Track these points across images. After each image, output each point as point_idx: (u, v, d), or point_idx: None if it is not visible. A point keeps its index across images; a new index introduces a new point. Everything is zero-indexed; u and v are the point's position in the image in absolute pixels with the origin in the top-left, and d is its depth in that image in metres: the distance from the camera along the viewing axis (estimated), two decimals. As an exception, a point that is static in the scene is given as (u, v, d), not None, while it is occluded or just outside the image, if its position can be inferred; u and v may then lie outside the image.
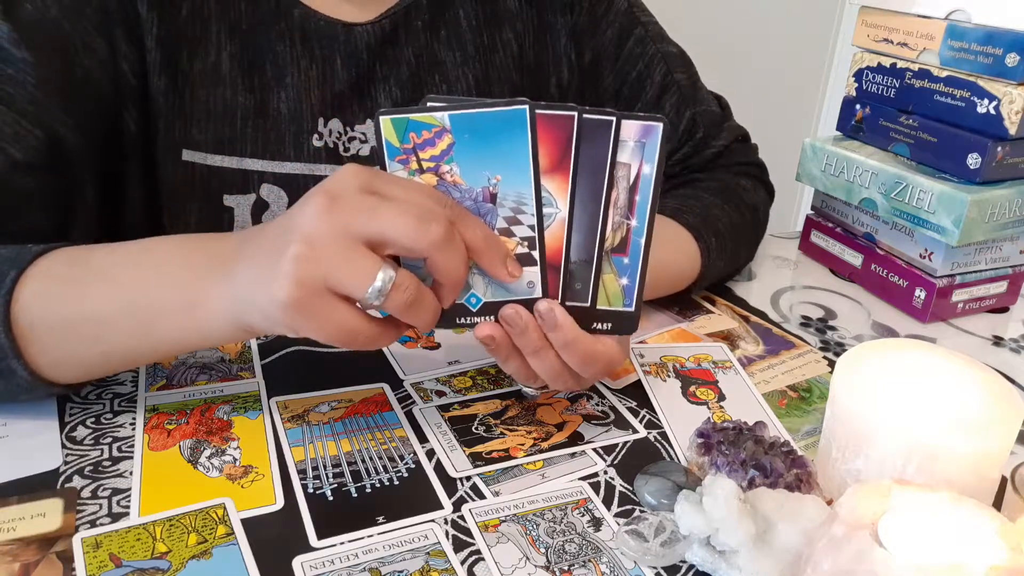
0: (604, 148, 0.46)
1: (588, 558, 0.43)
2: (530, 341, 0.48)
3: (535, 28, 0.74)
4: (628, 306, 0.50)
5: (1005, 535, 0.35)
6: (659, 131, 0.47)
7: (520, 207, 0.47)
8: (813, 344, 0.68)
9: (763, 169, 0.84)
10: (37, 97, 0.56)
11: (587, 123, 0.46)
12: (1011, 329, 0.75)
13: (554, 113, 0.45)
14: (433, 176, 0.46)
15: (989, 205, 0.69)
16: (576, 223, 0.48)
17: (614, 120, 0.46)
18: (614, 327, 0.50)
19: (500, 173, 0.46)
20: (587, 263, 0.48)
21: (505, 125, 0.45)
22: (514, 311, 0.47)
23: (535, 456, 0.51)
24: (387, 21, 0.68)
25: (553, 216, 0.47)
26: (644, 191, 0.48)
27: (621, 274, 0.49)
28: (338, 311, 0.43)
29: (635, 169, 0.47)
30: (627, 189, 0.48)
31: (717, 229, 0.71)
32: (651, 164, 0.47)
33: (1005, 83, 0.67)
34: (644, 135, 0.47)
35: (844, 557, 0.35)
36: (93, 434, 0.50)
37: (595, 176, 0.47)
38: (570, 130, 0.46)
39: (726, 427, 0.50)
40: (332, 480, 0.47)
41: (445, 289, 0.45)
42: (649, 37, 0.78)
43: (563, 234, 0.48)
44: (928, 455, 0.43)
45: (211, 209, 0.65)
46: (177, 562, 0.41)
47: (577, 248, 0.48)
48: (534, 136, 0.45)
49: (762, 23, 1.93)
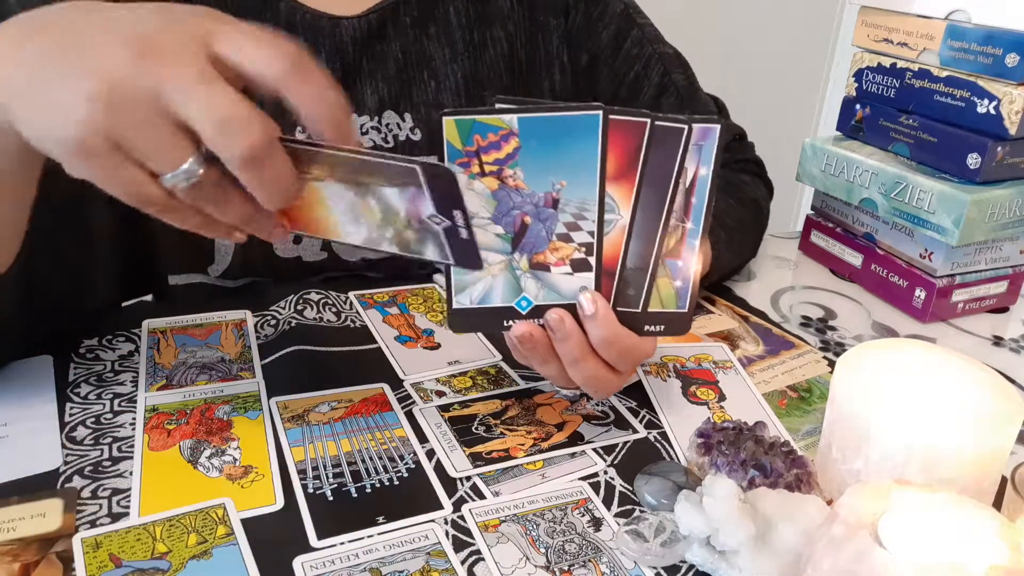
0: (672, 155, 0.46)
1: (588, 558, 0.43)
2: (570, 349, 0.48)
3: (527, 28, 0.74)
4: (682, 307, 0.50)
5: (1005, 535, 0.35)
6: (716, 133, 0.46)
7: (582, 213, 0.46)
8: (813, 344, 0.68)
9: (761, 166, 0.85)
10: None
11: (657, 130, 0.45)
12: (1011, 329, 0.75)
13: (627, 119, 0.44)
14: (495, 180, 0.45)
15: (989, 205, 0.69)
16: (636, 230, 0.47)
17: (685, 128, 0.45)
18: (667, 329, 0.50)
19: (565, 178, 0.45)
20: (642, 270, 0.48)
21: (576, 130, 0.44)
22: (559, 317, 0.47)
23: (535, 456, 0.51)
24: (374, 16, 0.68)
25: (613, 223, 0.47)
26: (700, 193, 0.47)
27: (675, 276, 0.49)
28: (132, 175, 0.38)
29: (691, 172, 0.47)
30: (683, 192, 0.47)
31: (724, 222, 0.71)
32: (707, 166, 0.47)
33: (1005, 83, 0.67)
34: (702, 138, 0.46)
35: (844, 557, 0.35)
36: (93, 434, 0.50)
37: (660, 183, 0.46)
38: (640, 137, 0.45)
39: (726, 427, 0.50)
40: (332, 480, 0.47)
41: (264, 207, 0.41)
42: (646, 39, 0.78)
43: (622, 241, 0.47)
44: (928, 455, 0.43)
45: None
46: (177, 562, 0.41)
47: (634, 255, 0.48)
48: (604, 142, 0.44)
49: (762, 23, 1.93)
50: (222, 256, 0.67)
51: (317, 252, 0.70)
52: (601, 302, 0.47)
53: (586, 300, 0.47)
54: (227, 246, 0.66)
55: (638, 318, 0.49)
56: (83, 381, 0.55)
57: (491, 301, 0.48)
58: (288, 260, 0.69)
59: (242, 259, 0.67)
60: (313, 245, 0.69)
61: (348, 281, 0.70)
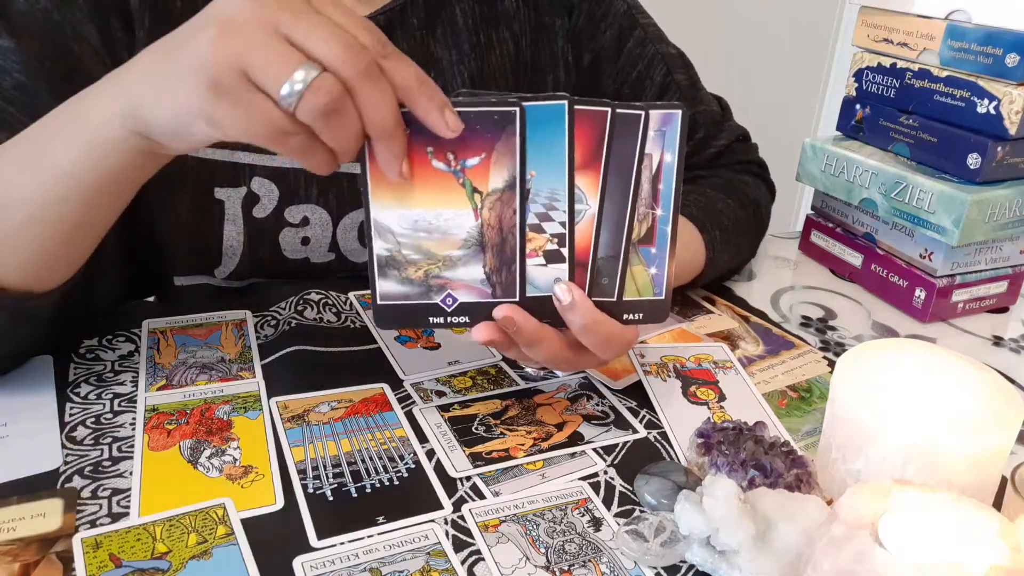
0: (632, 142, 0.46)
1: (588, 558, 0.43)
2: (524, 339, 0.48)
3: (532, 28, 0.74)
4: (659, 295, 0.50)
5: (1005, 535, 0.35)
6: (678, 118, 0.47)
7: (552, 203, 0.47)
8: (813, 344, 0.68)
9: (764, 167, 0.84)
10: (23, 83, 0.56)
11: (618, 118, 0.46)
12: (1011, 329, 0.75)
13: (589, 109, 0.45)
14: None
15: (989, 205, 0.69)
16: (604, 219, 0.48)
17: (643, 114, 0.46)
18: (645, 316, 0.50)
19: (535, 168, 0.46)
20: (614, 258, 0.49)
21: (542, 120, 0.45)
22: (505, 315, 0.47)
23: (535, 456, 0.51)
24: (382, 18, 0.68)
25: (583, 213, 0.47)
26: (667, 179, 0.48)
27: (649, 264, 0.49)
28: (259, 100, 0.39)
29: (657, 158, 0.47)
30: (650, 179, 0.48)
31: (721, 222, 0.71)
32: (672, 152, 0.47)
33: (1005, 83, 0.67)
34: (664, 123, 0.47)
35: (844, 557, 0.35)
36: (93, 434, 0.50)
37: (623, 171, 0.47)
38: (603, 126, 0.46)
39: (726, 427, 0.50)
40: (332, 480, 0.47)
41: (375, 135, 0.42)
42: (648, 38, 0.78)
43: (592, 231, 0.48)
44: (928, 455, 0.43)
45: (201, 202, 0.65)
46: (177, 562, 0.41)
47: (605, 244, 0.48)
48: (571, 131, 0.45)
49: (762, 23, 1.93)
50: (229, 258, 0.67)
51: (325, 253, 0.70)
52: (577, 291, 0.48)
53: (561, 291, 0.48)
54: (235, 248, 0.66)
55: (615, 307, 0.50)
56: (83, 381, 0.55)
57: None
58: (296, 261, 0.69)
59: (250, 260, 0.67)
60: (321, 246, 0.69)
61: (348, 281, 0.70)
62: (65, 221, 0.48)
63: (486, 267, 0.48)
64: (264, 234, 0.67)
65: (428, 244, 0.47)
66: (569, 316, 0.48)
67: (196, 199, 0.65)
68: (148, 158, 0.46)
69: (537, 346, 0.49)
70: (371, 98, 0.40)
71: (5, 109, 0.55)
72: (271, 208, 0.66)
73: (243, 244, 0.66)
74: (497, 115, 0.44)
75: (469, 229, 0.47)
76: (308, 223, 0.68)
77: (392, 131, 0.42)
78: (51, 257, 0.50)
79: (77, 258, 0.52)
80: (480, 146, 0.45)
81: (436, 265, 0.48)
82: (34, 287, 0.50)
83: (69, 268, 0.52)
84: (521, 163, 0.45)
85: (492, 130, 0.45)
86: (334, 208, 0.68)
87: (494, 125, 0.44)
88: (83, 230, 0.50)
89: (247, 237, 0.66)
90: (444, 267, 0.48)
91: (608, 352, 0.50)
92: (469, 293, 0.48)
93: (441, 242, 0.47)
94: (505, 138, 0.45)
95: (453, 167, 0.45)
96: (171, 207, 0.65)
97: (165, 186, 0.65)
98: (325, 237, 0.69)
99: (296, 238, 0.68)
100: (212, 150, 0.64)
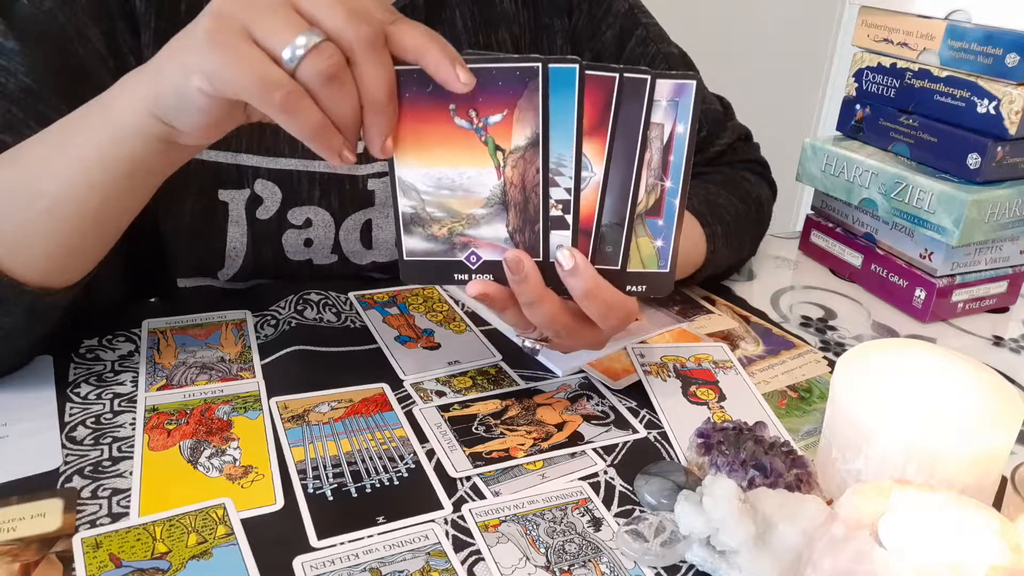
0: (639, 108, 0.46)
1: (588, 558, 0.43)
2: (525, 291, 0.48)
3: (531, 30, 0.74)
4: (663, 267, 0.50)
5: (1005, 535, 0.35)
6: (692, 89, 0.46)
7: (559, 169, 0.46)
8: (813, 344, 0.68)
9: (766, 167, 0.84)
10: (28, 85, 0.56)
11: (627, 83, 0.45)
12: (1011, 329, 0.75)
13: (598, 74, 0.45)
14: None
15: (989, 205, 0.69)
16: (610, 186, 0.47)
17: (648, 79, 0.45)
18: (649, 288, 0.50)
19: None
20: (619, 226, 0.48)
21: (552, 83, 0.44)
22: (516, 256, 0.47)
23: (535, 456, 0.51)
24: None
25: (588, 180, 0.47)
26: (678, 151, 0.47)
27: (656, 236, 0.49)
28: (257, 53, 0.41)
29: (668, 129, 0.47)
30: (661, 150, 0.47)
31: (723, 217, 0.71)
32: (684, 124, 0.47)
33: (1005, 83, 0.67)
34: (677, 94, 0.46)
35: (844, 557, 0.35)
36: (93, 434, 0.50)
37: (629, 137, 0.46)
38: (610, 92, 0.45)
39: (726, 427, 0.50)
40: (332, 480, 0.47)
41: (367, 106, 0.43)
42: (650, 38, 0.78)
43: (596, 198, 0.47)
44: (928, 455, 0.43)
45: (205, 203, 0.65)
46: (177, 562, 0.41)
47: (609, 211, 0.48)
48: (581, 96, 0.45)
49: (762, 23, 1.93)
50: (232, 260, 0.67)
51: (327, 255, 0.69)
52: (579, 256, 0.48)
53: (564, 256, 0.48)
54: (238, 250, 0.66)
55: (619, 278, 0.49)
56: (83, 381, 0.55)
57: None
58: (299, 263, 0.69)
59: (253, 262, 0.67)
60: (323, 248, 0.69)
61: (348, 281, 0.70)
62: (85, 213, 0.49)
63: (509, 226, 0.48)
64: (267, 236, 0.67)
65: (451, 202, 0.47)
66: (571, 281, 0.48)
67: (200, 201, 0.65)
68: (168, 147, 0.47)
69: (538, 305, 0.49)
70: (369, 70, 0.41)
71: (10, 110, 0.55)
72: (274, 210, 0.66)
73: (247, 246, 0.66)
74: (519, 71, 0.44)
75: (492, 187, 0.47)
76: (311, 224, 0.68)
77: (383, 107, 0.43)
78: (70, 251, 0.51)
79: (94, 253, 0.53)
80: (502, 103, 0.45)
81: (460, 223, 0.48)
82: (52, 283, 0.51)
83: (86, 264, 0.53)
84: (543, 120, 0.45)
85: (514, 86, 0.44)
86: (336, 210, 0.68)
87: (516, 81, 0.44)
88: (102, 224, 0.51)
89: (251, 239, 0.66)
90: (467, 225, 0.48)
91: (609, 321, 0.50)
92: (493, 251, 0.48)
93: (464, 200, 0.47)
94: (528, 95, 0.44)
95: (475, 124, 0.45)
96: (175, 209, 0.65)
97: (169, 188, 0.65)
98: (328, 239, 0.69)
99: (299, 240, 0.68)
100: (215, 152, 0.64)
